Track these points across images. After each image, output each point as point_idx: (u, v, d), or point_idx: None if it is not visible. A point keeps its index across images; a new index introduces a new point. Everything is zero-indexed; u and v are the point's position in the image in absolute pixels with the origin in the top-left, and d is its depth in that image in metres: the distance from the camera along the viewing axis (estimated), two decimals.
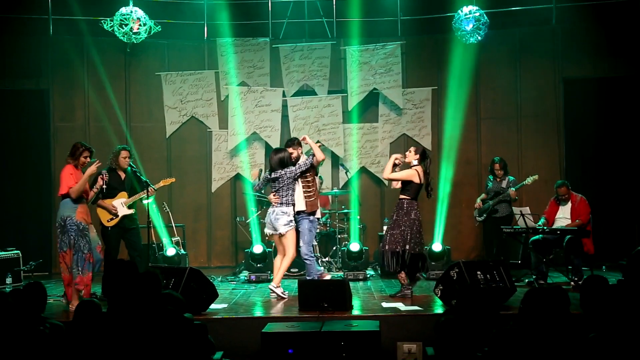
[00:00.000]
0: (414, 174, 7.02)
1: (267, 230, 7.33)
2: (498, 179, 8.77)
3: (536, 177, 8.54)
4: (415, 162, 7.09)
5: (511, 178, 8.76)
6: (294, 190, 7.23)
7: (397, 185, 7.25)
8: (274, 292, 7.11)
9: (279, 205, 7.13)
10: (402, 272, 6.96)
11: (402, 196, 7.07)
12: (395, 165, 7.14)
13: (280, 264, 7.22)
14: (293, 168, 7.20)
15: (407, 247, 6.89)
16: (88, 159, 6.74)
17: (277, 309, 6.59)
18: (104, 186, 6.88)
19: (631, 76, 9.76)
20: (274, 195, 7.20)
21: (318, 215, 7.57)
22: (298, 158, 7.42)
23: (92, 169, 6.67)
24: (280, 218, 7.10)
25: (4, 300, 3.86)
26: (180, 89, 10.27)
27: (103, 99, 9.99)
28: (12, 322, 3.79)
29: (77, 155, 6.70)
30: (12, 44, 9.89)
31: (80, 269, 6.52)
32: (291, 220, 7.16)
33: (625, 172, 9.79)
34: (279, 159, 7.21)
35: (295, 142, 7.49)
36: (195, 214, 10.36)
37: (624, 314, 3.49)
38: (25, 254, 8.70)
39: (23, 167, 10.06)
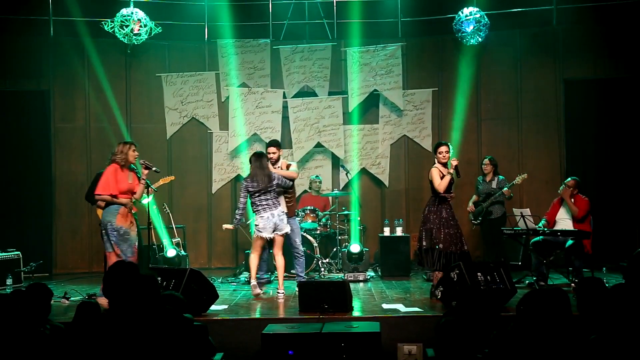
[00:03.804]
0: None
1: (267, 235, 7.28)
2: (487, 179, 8.77)
3: (525, 175, 8.53)
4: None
5: (501, 177, 8.75)
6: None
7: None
8: (282, 294, 7.21)
9: (274, 208, 7.28)
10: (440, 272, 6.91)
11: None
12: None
13: (280, 266, 7.34)
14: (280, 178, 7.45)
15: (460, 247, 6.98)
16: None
17: (278, 311, 6.59)
18: (153, 167, 7.09)
19: (631, 77, 9.76)
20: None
21: None
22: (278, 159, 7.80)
23: (129, 203, 6.87)
24: (284, 218, 7.37)
25: (9, 302, 3.86)
26: (181, 90, 10.28)
27: (103, 100, 10.01)
28: (16, 324, 3.79)
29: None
30: (13, 44, 9.90)
31: None
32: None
33: (626, 173, 9.79)
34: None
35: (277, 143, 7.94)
36: (196, 215, 10.36)
37: (623, 316, 3.48)
38: (26, 255, 8.68)
39: (23, 168, 10.07)
